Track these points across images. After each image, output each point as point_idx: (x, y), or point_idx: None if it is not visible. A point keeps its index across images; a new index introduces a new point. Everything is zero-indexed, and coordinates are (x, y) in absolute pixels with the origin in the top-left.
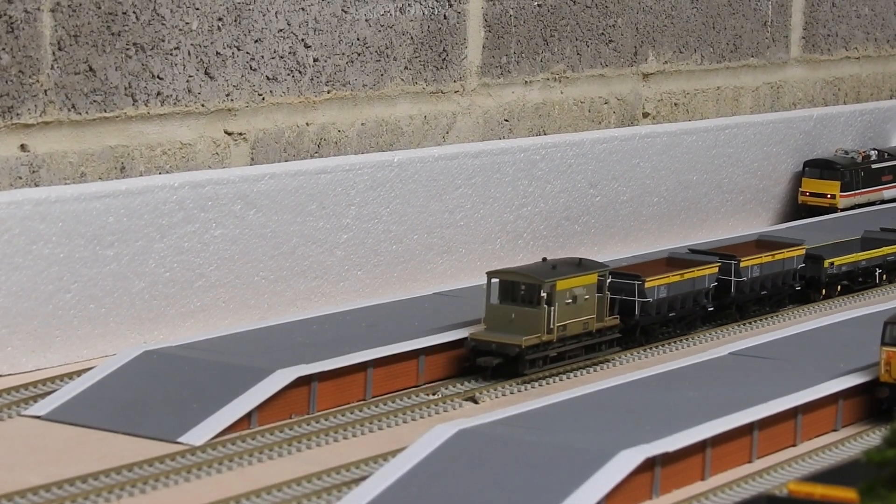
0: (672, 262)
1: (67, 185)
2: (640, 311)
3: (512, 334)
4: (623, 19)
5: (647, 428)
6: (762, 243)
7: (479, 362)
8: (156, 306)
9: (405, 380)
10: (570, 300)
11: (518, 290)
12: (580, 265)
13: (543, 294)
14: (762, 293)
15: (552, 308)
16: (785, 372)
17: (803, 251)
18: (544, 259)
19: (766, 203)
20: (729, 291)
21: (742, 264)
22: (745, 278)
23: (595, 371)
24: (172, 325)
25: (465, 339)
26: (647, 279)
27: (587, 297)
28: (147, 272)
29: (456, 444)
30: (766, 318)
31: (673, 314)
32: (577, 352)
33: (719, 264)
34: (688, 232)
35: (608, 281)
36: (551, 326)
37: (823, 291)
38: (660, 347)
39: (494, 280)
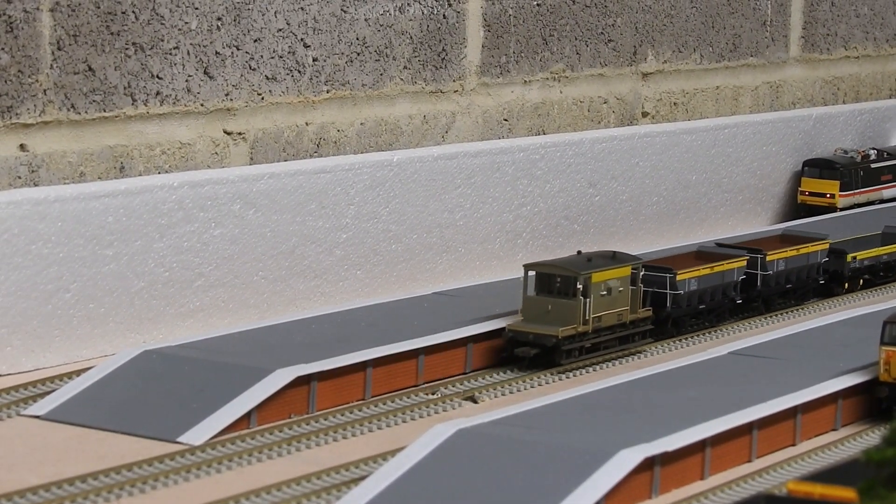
0: (701, 255)
1: (67, 184)
2: (671, 303)
3: (549, 325)
4: (622, 19)
5: (647, 427)
6: (786, 238)
7: (517, 352)
8: (155, 306)
9: (404, 379)
10: (604, 292)
11: (554, 282)
12: (614, 258)
13: (579, 286)
14: (787, 286)
15: (588, 300)
16: (784, 371)
17: (827, 245)
18: (579, 252)
19: (766, 202)
20: (755, 285)
21: (768, 258)
22: (771, 272)
23: (596, 371)
24: (172, 324)
25: (466, 339)
26: (679, 272)
27: (621, 289)
28: (146, 272)
29: (455, 444)
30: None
31: (703, 306)
32: (611, 343)
33: (747, 258)
34: (687, 231)
35: (641, 274)
36: (587, 318)
37: (846, 285)
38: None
39: (531, 272)
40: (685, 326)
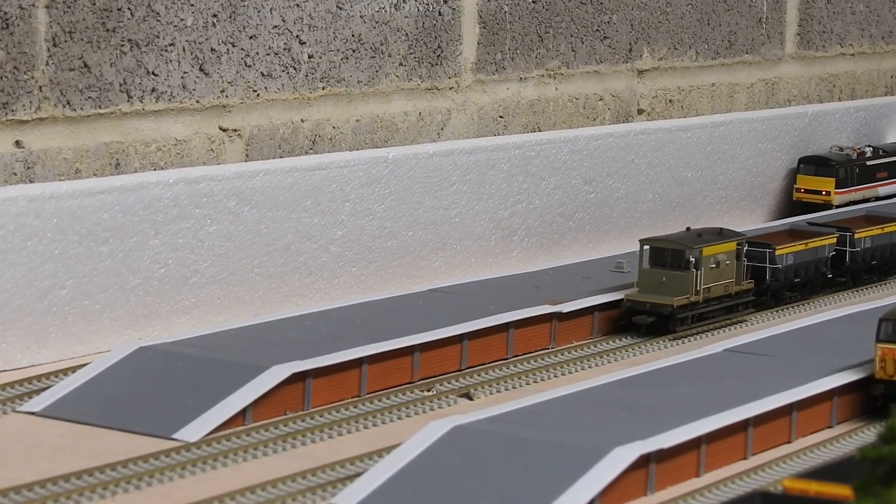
0: (793, 233)
1: (62, 181)
2: (770, 276)
3: (663, 295)
4: (618, 16)
5: (642, 425)
6: (870, 218)
7: (635, 320)
8: (150, 302)
9: (400, 376)
10: (713, 265)
11: (668, 255)
12: (721, 234)
13: (691, 259)
14: (872, 263)
15: (699, 272)
16: (780, 369)
17: None
18: (688, 228)
19: (761, 199)
20: (844, 260)
21: (856, 236)
22: (858, 248)
23: (590, 367)
24: (167, 321)
25: (461, 336)
26: (777, 247)
27: (728, 262)
28: (142, 268)
29: (450, 441)
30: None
31: (798, 280)
32: (718, 312)
33: (837, 235)
34: (682, 228)
35: (745, 249)
36: (698, 288)
37: None
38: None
39: (646, 247)
40: (782, 298)
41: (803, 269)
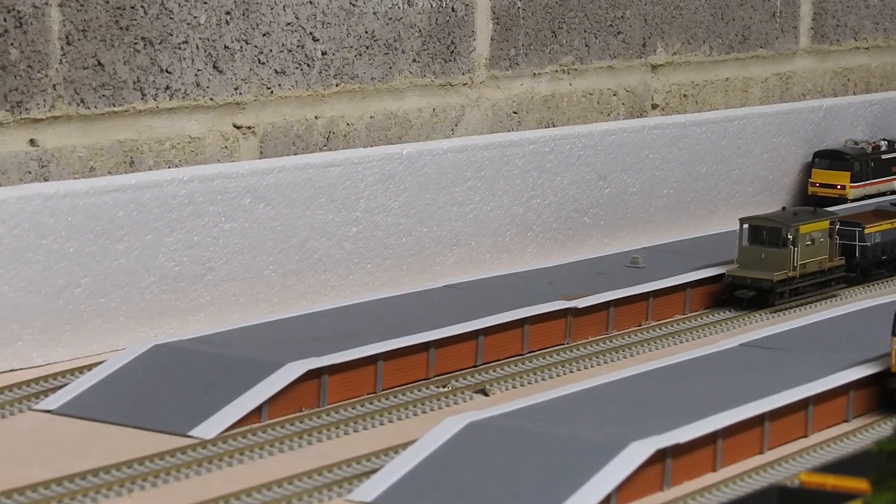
0: (878, 213)
1: (77, 179)
2: (860, 253)
3: (763, 271)
4: (631, 11)
5: (658, 420)
6: (879, 213)
7: (737, 294)
8: (166, 300)
9: (415, 373)
10: (809, 242)
11: (766, 233)
12: (815, 213)
13: (789, 236)
14: (882, 258)
15: (796, 249)
16: (796, 363)
17: None
18: (784, 208)
19: (776, 194)
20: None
21: (866, 231)
22: (868, 244)
23: (605, 363)
24: (182, 319)
25: (476, 332)
26: (867, 226)
27: (822, 240)
28: (157, 266)
29: (466, 437)
30: (889, 281)
31: (885, 257)
32: (812, 287)
33: None
34: (697, 223)
35: (837, 227)
36: (795, 264)
37: None
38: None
39: (745, 225)
40: (871, 275)
41: (890, 247)
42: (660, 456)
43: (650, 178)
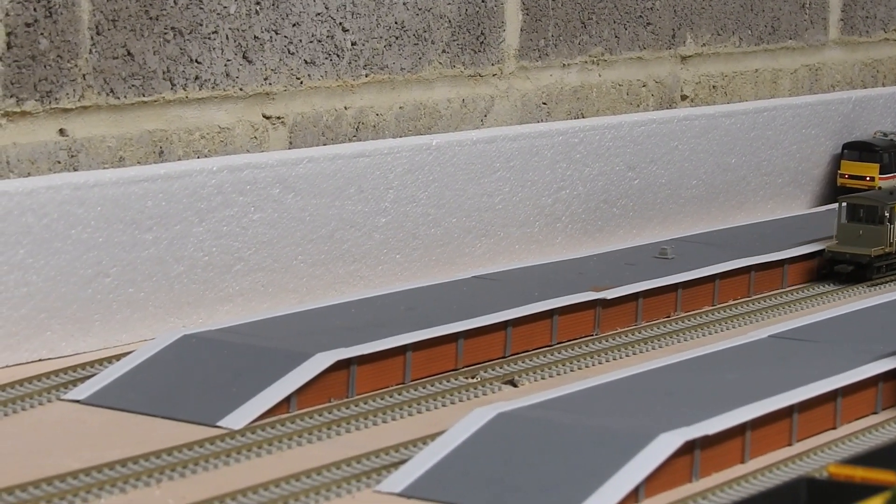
0: None
1: (106, 169)
2: None
3: (861, 247)
4: (661, 2)
5: (687, 411)
6: None
7: (837, 269)
8: (194, 290)
9: (444, 363)
10: None
11: (863, 211)
12: None
13: (886, 214)
14: None
15: (892, 226)
16: (824, 354)
17: None
18: (879, 188)
19: (805, 185)
20: None
21: None
22: None
23: (634, 354)
24: (211, 308)
25: (504, 323)
26: None
27: None
28: (186, 256)
29: (495, 428)
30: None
31: None
32: None
33: None
34: (726, 214)
35: None
36: (891, 240)
37: None
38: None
39: (843, 204)
40: None
41: None
42: (688, 447)
43: (679, 170)
